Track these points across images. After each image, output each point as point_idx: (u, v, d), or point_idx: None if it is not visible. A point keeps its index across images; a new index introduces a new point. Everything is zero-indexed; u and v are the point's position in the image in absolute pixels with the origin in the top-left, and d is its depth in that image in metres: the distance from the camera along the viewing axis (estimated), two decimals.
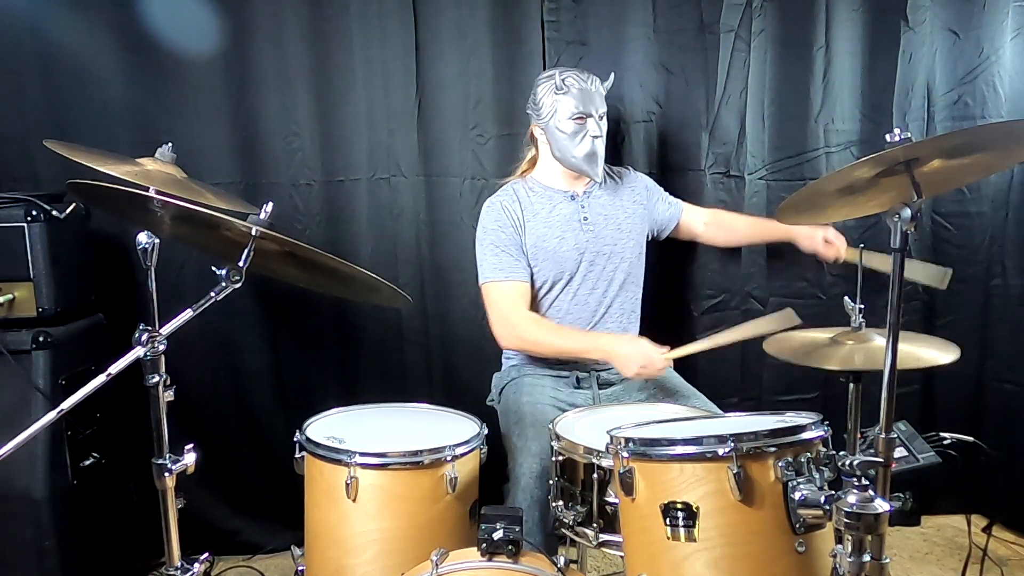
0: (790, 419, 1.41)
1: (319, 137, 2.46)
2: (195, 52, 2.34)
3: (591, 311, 2.15)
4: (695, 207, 2.39)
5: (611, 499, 1.55)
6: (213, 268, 1.37)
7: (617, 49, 2.48)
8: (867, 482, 1.18)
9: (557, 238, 2.12)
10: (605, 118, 2.10)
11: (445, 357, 2.59)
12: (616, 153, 2.45)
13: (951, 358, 1.61)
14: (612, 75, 2.15)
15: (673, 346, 2.28)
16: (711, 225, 2.38)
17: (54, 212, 2.07)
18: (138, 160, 1.67)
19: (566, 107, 2.06)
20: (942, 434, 1.97)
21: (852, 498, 1.17)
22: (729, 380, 2.62)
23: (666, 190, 2.36)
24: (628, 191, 2.24)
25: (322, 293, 2.41)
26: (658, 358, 1.93)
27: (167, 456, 1.42)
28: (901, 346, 1.32)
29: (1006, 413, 2.63)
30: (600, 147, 2.08)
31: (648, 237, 2.28)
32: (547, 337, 2.07)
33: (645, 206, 2.26)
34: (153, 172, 1.64)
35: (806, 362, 1.64)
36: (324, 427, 1.79)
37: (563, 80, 2.07)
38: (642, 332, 2.25)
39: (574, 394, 2.10)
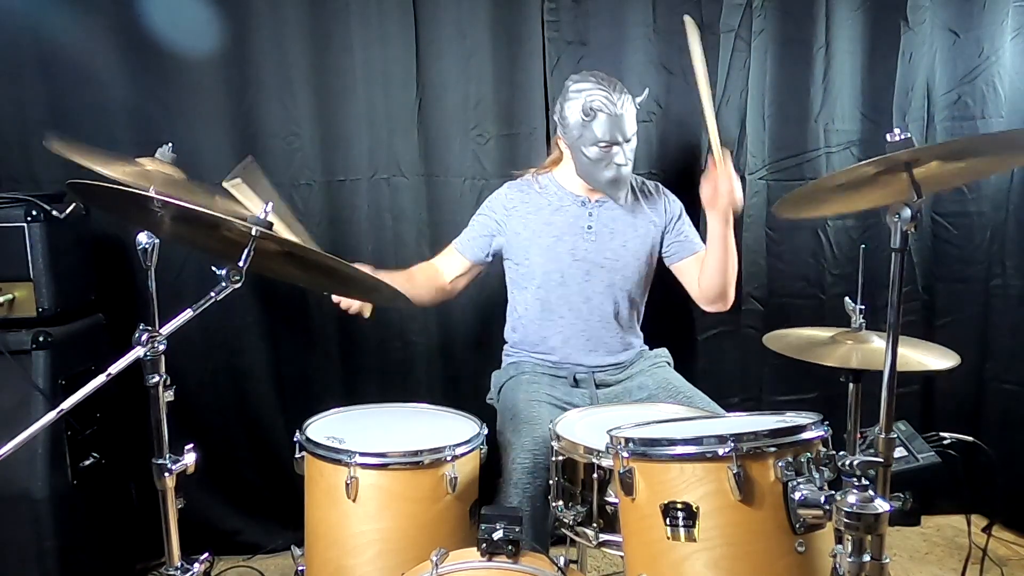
0: (790, 419, 1.41)
1: (319, 137, 2.46)
2: (195, 52, 2.34)
3: (583, 319, 2.14)
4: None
5: (611, 499, 1.55)
6: (213, 268, 1.36)
7: (617, 49, 2.48)
8: (867, 482, 1.18)
9: (554, 237, 2.12)
10: (634, 139, 2.05)
11: (445, 357, 2.59)
12: None
13: (950, 364, 1.62)
14: (647, 91, 2.09)
15: (674, 347, 2.30)
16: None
17: (54, 212, 2.07)
18: (138, 160, 1.67)
19: (593, 135, 2.00)
20: (942, 434, 1.97)
21: (852, 498, 1.17)
22: (729, 380, 2.63)
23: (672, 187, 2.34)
24: (647, 210, 2.18)
25: (322, 293, 2.41)
26: None
27: (167, 456, 1.41)
28: (900, 351, 1.32)
29: (1006, 413, 2.64)
30: (626, 172, 2.05)
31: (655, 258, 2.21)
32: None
33: (660, 228, 2.19)
34: (153, 172, 1.64)
35: (806, 358, 1.64)
36: (324, 427, 1.79)
37: (591, 104, 1.99)
38: (643, 332, 2.26)
39: (571, 392, 2.10)
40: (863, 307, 1.70)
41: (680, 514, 1.31)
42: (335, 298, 2.04)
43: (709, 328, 2.61)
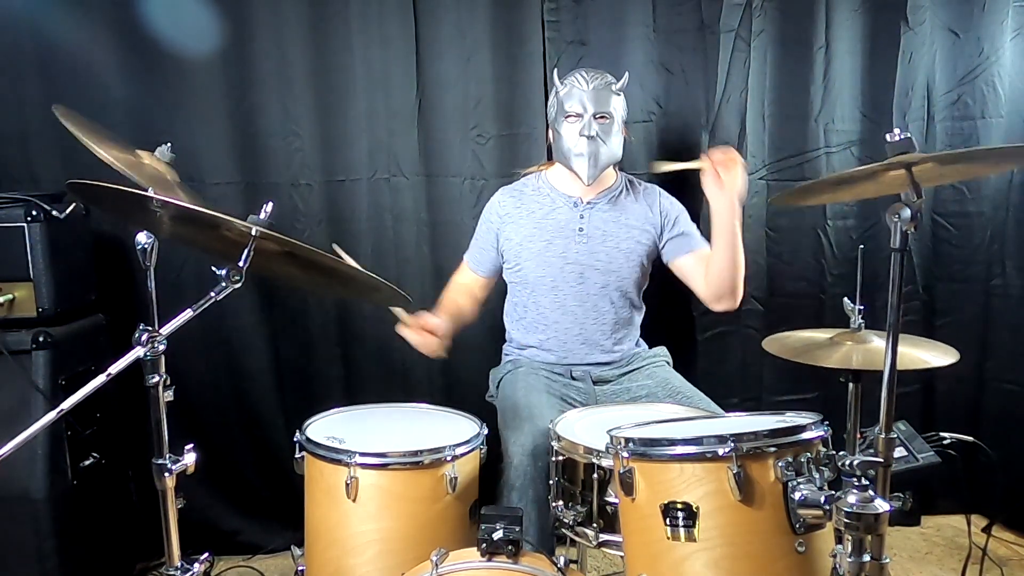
0: (790, 419, 1.41)
1: (319, 137, 2.46)
2: (195, 52, 2.34)
3: (579, 322, 2.14)
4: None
5: (611, 499, 1.55)
6: (213, 268, 1.36)
7: (617, 49, 2.48)
8: (867, 482, 1.18)
9: (545, 242, 2.12)
10: (611, 119, 2.06)
11: (445, 357, 2.59)
12: None
13: (949, 361, 1.61)
14: (627, 75, 2.13)
15: (674, 347, 2.29)
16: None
17: (54, 212, 2.07)
18: (137, 152, 1.66)
19: (563, 106, 2.08)
20: (942, 434, 1.97)
21: (852, 498, 1.17)
22: (729, 380, 2.63)
23: (666, 190, 2.33)
24: (641, 211, 2.16)
25: (322, 293, 2.41)
26: None
27: (167, 456, 1.41)
28: (900, 349, 1.32)
29: (1006, 413, 2.63)
30: (597, 148, 2.05)
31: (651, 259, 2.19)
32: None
33: (656, 228, 2.16)
34: (147, 166, 1.62)
35: (805, 360, 1.64)
36: (324, 427, 1.79)
37: (564, 80, 2.10)
38: (642, 332, 2.26)
39: (570, 385, 2.10)
40: (862, 307, 1.69)
41: (680, 514, 1.31)
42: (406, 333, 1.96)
43: (709, 328, 2.61)
